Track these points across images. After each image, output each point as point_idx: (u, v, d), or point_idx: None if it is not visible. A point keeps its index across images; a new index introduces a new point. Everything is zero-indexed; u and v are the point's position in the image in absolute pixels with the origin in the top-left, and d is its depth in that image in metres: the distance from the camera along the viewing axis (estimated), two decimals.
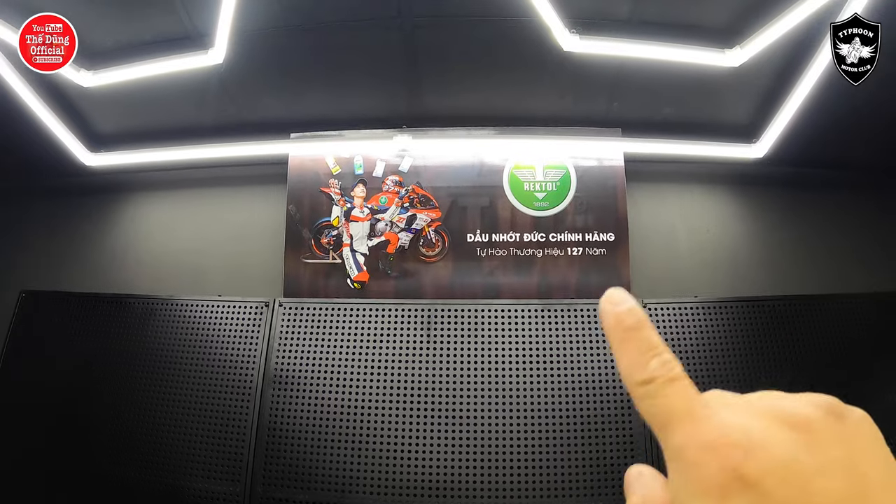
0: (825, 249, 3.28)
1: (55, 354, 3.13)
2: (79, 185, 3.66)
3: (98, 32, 2.91)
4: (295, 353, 2.96)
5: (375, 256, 3.22)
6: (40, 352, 3.15)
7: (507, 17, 2.76)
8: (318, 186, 3.33)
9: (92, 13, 2.80)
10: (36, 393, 3.06)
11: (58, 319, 3.21)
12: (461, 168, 3.30)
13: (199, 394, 2.93)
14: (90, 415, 2.97)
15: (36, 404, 3.03)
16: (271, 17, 2.83)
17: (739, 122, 3.21)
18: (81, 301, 3.24)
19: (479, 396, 2.79)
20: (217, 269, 3.37)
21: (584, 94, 3.17)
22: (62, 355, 3.12)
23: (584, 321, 2.92)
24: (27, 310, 3.26)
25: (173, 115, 3.35)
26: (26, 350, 3.17)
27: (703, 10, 2.71)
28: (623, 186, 3.24)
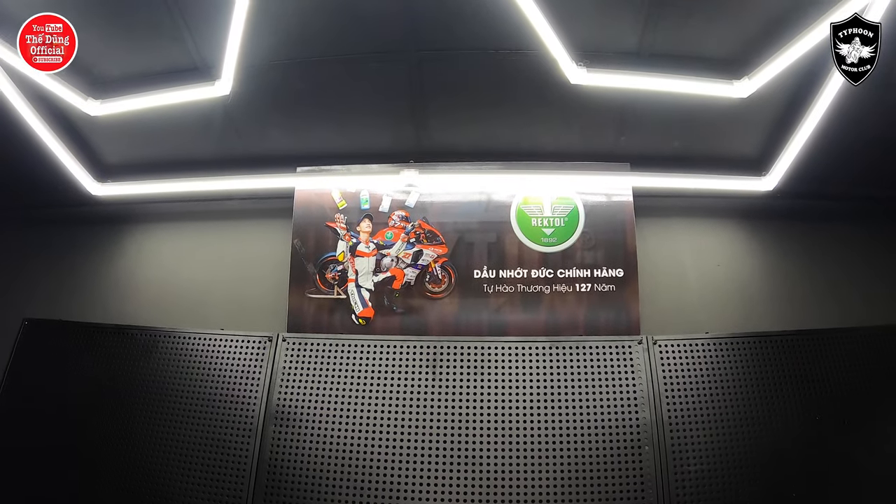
0: (836, 282, 3.23)
1: (56, 383, 3.11)
2: (85, 214, 3.67)
3: (106, 62, 2.95)
4: (298, 389, 2.93)
5: (381, 292, 3.20)
6: (41, 380, 3.13)
7: (513, 51, 2.78)
8: (323, 221, 3.32)
9: (101, 43, 2.84)
10: (35, 421, 3.03)
11: (59, 348, 3.20)
12: (468, 203, 3.29)
13: (200, 428, 2.90)
14: (88, 445, 2.94)
15: (34, 433, 3.00)
16: (278, 49, 2.86)
17: (748, 154, 3.19)
18: (84, 331, 3.23)
19: (485, 436, 2.74)
20: (220, 302, 3.35)
21: (591, 128, 3.17)
22: (62, 384, 3.10)
23: (593, 358, 2.87)
24: (29, 338, 3.24)
25: (180, 147, 3.36)
26: (27, 377, 3.15)
27: (710, 41, 2.72)
28: (632, 221, 3.21)
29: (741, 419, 2.72)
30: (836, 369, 2.82)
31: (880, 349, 2.87)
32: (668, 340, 2.90)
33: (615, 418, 2.75)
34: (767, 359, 2.85)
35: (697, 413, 2.74)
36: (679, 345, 2.89)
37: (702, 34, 2.69)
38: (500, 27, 2.63)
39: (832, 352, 2.86)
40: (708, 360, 2.85)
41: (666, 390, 2.78)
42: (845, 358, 2.85)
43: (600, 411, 2.76)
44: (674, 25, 2.65)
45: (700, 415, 2.73)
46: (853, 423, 2.71)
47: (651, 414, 2.74)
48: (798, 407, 2.74)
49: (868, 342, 2.89)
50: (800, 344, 2.88)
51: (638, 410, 2.75)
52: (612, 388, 2.81)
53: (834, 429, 2.70)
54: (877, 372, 2.82)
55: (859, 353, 2.86)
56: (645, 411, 2.74)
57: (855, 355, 2.85)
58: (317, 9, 2.67)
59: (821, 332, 2.92)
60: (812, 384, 2.79)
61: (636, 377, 2.82)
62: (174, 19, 2.71)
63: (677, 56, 2.76)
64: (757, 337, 2.91)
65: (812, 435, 2.70)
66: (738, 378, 2.81)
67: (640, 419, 2.73)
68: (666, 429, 2.71)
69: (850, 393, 2.77)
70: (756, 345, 2.88)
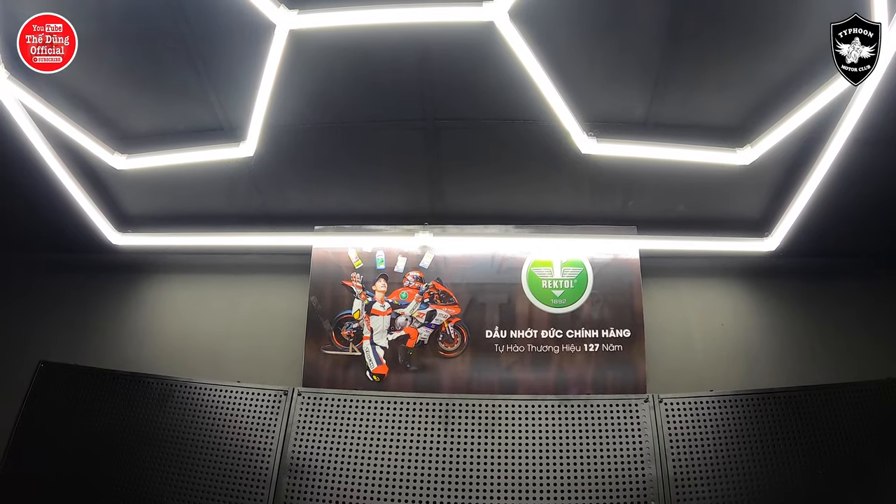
0: (838, 337, 3.29)
1: (68, 428, 3.13)
2: (104, 262, 3.73)
3: (134, 118, 3.06)
4: (312, 442, 2.96)
5: (395, 350, 3.27)
6: (54, 424, 3.15)
7: (527, 121, 2.89)
8: (340, 279, 3.40)
9: (130, 100, 2.95)
10: (45, 466, 3.04)
11: (74, 393, 3.21)
12: (480, 265, 3.37)
13: (213, 479, 2.91)
14: (97, 494, 2.95)
15: (44, 478, 3.01)
16: (302, 114, 2.97)
17: (752, 216, 3.28)
18: (99, 377, 3.25)
19: (495, 492, 2.77)
20: (237, 355, 3.41)
21: (600, 193, 3.26)
22: (75, 430, 3.12)
23: (602, 417, 2.92)
24: (44, 381, 3.26)
25: (201, 202, 3.44)
26: (39, 421, 3.16)
27: (714, 111, 2.84)
28: (639, 282, 3.29)
29: (746, 475, 2.75)
30: (839, 424, 2.86)
31: (883, 403, 2.91)
32: (673, 399, 2.94)
33: (622, 474, 2.78)
34: (771, 415, 2.89)
35: (703, 469, 2.77)
36: (684, 403, 2.94)
37: (706, 105, 2.81)
38: (514, 98, 2.75)
39: (835, 407, 2.90)
40: (713, 417, 2.90)
41: (672, 447, 2.82)
42: (848, 413, 2.89)
43: (608, 467, 2.80)
44: (680, 97, 2.78)
45: (705, 471, 2.77)
46: (857, 477, 2.74)
47: (657, 470, 2.77)
48: (802, 462, 2.77)
49: (870, 396, 2.93)
50: (803, 400, 2.93)
51: (644, 467, 2.79)
52: (620, 445, 2.85)
53: (837, 483, 2.73)
54: (880, 426, 2.86)
55: (863, 407, 2.90)
56: (651, 467, 2.78)
57: (858, 410, 2.89)
58: (339, 77, 2.79)
59: (823, 388, 2.96)
60: (814, 439, 2.82)
61: (643, 434, 2.86)
62: (202, 82, 2.83)
63: (682, 126, 2.88)
64: (760, 394, 2.96)
65: (816, 490, 2.73)
66: (743, 434, 2.85)
67: (647, 475, 2.77)
68: (672, 484, 2.74)
69: (852, 446, 2.81)
70: (760, 401, 2.93)
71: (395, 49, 2.62)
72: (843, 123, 2.59)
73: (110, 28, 2.62)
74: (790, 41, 2.49)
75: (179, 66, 2.76)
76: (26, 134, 2.89)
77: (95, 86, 2.87)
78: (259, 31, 2.54)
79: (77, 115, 2.92)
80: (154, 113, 3.02)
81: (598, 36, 2.59)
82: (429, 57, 2.67)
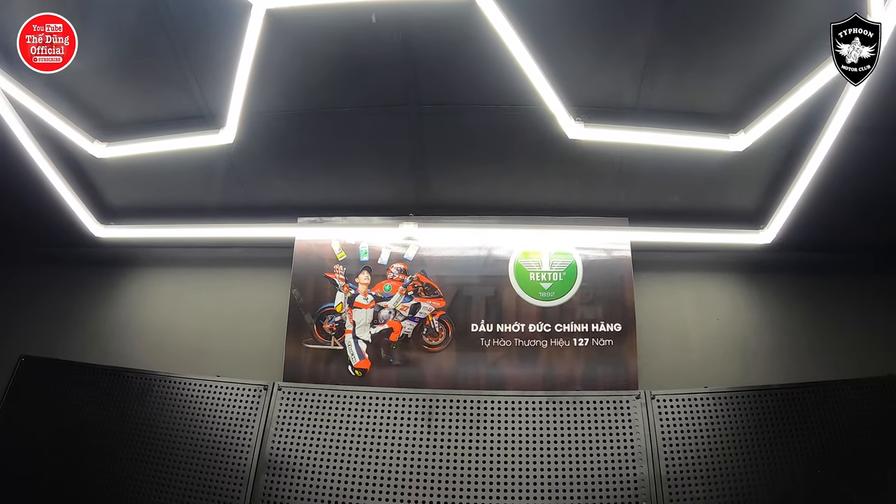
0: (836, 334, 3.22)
1: (48, 422, 3.10)
2: (86, 255, 3.69)
3: (114, 106, 3.00)
4: (292, 438, 2.91)
5: (378, 344, 3.20)
6: (34, 418, 3.12)
7: (513, 106, 2.82)
8: (322, 271, 3.33)
9: (110, 87, 2.89)
10: (24, 460, 3.01)
11: (54, 387, 3.19)
12: (466, 257, 3.30)
13: (191, 474, 2.88)
14: (76, 488, 2.91)
15: (23, 473, 2.98)
16: (281, 100, 2.90)
17: (746, 208, 3.21)
18: (80, 371, 3.23)
19: (480, 491, 2.71)
20: (217, 349, 3.35)
21: (590, 182, 3.19)
22: (55, 424, 3.09)
23: (591, 414, 2.86)
24: (25, 374, 3.24)
25: (183, 192, 3.39)
26: (19, 415, 3.13)
27: (706, 96, 2.76)
28: (630, 276, 3.21)
29: (741, 473, 2.69)
30: (837, 422, 2.79)
31: (881, 400, 2.85)
32: (666, 395, 2.88)
33: (613, 473, 2.72)
34: (767, 412, 2.83)
35: (696, 468, 2.71)
36: (677, 400, 2.87)
37: (697, 89, 2.74)
38: (500, 83, 2.68)
39: (834, 404, 2.84)
40: (707, 414, 2.83)
41: (664, 445, 2.76)
42: (846, 410, 2.82)
43: (598, 466, 2.74)
44: (670, 80, 2.70)
45: (699, 469, 2.70)
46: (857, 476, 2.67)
47: (649, 469, 2.71)
48: (799, 460, 2.71)
49: (871, 393, 2.87)
50: (800, 397, 2.86)
51: (636, 465, 2.72)
52: (610, 443, 2.79)
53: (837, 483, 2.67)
54: (878, 423, 2.79)
55: (862, 404, 2.84)
56: (643, 466, 2.72)
57: (858, 407, 2.83)
58: (319, 61, 2.73)
59: (822, 385, 2.90)
60: (812, 437, 2.76)
61: (634, 432, 2.80)
62: (182, 68, 2.77)
63: (674, 111, 2.80)
64: (757, 391, 2.89)
65: (813, 488, 2.67)
66: (738, 432, 2.79)
67: (638, 474, 2.70)
68: (664, 484, 2.68)
69: (851, 445, 2.74)
70: (755, 398, 2.87)
71: (375, 30, 2.54)
72: (839, 111, 2.51)
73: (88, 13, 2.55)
74: (783, 22, 2.41)
75: (159, 50, 2.69)
76: (7, 122, 2.83)
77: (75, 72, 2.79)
78: (236, 11, 2.47)
79: (56, 102, 2.87)
80: (134, 99, 2.97)
81: (586, 17, 2.50)
82: (410, 37, 2.59)
